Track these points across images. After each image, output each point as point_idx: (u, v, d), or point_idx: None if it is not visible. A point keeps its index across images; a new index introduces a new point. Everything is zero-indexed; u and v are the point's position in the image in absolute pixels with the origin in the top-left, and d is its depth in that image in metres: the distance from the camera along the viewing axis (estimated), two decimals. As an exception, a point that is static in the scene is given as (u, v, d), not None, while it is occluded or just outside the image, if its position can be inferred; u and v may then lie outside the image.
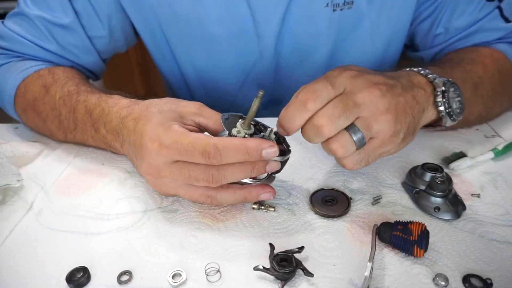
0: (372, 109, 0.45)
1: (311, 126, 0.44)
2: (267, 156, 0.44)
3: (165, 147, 0.45)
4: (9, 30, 0.69)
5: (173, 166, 0.46)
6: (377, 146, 0.47)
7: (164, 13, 0.72)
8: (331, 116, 0.43)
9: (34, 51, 0.70)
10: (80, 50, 0.73)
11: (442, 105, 0.51)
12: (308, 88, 0.45)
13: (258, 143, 0.43)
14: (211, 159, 0.43)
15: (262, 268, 0.41)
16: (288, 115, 0.45)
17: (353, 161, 0.47)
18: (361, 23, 0.72)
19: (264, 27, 0.71)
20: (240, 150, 0.43)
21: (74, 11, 0.69)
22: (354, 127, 0.44)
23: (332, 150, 0.45)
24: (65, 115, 0.62)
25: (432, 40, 0.75)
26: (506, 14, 0.69)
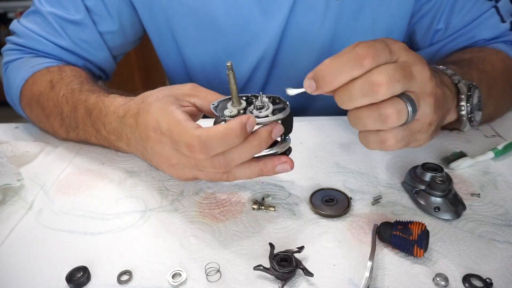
0: (422, 88, 0.41)
1: (365, 83, 0.38)
2: (250, 128, 0.42)
3: (163, 135, 0.45)
4: (24, 27, 0.72)
5: (179, 154, 0.46)
6: (418, 130, 0.43)
7: (172, 8, 0.73)
8: (392, 76, 0.38)
9: (48, 47, 0.72)
10: (92, 46, 0.75)
11: (465, 109, 0.50)
12: (368, 44, 0.39)
13: (239, 120, 0.42)
14: (196, 153, 0.42)
15: (262, 268, 0.41)
16: (336, 66, 0.39)
17: (397, 137, 0.41)
18: (362, 12, 0.72)
19: (271, 19, 0.72)
20: (226, 135, 0.41)
21: (86, 8, 0.71)
22: (410, 98, 0.40)
23: (385, 115, 0.39)
24: (67, 113, 0.63)
25: (432, 37, 0.75)
26: (502, 13, 0.70)
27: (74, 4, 0.71)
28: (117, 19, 0.75)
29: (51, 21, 0.71)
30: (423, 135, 0.44)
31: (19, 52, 0.74)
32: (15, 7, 2.48)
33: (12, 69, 0.73)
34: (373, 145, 0.42)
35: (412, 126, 0.43)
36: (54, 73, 0.68)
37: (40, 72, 0.69)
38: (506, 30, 0.70)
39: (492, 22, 0.70)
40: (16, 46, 0.74)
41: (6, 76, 0.74)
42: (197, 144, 0.41)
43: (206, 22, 0.74)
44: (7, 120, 0.77)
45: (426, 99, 0.42)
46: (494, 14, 0.70)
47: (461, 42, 0.72)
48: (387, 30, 0.75)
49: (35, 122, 0.71)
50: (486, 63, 0.65)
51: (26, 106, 0.70)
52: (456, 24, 0.71)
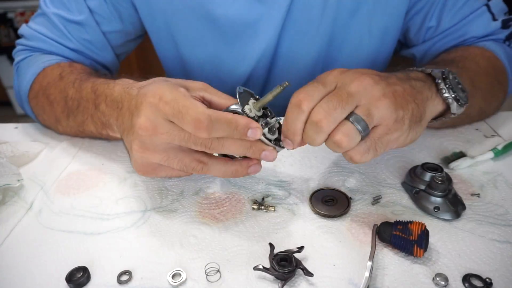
0: (368, 96, 0.44)
1: (310, 125, 0.43)
2: (251, 136, 0.44)
3: (165, 102, 0.44)
4: (32, 30, 0.74)
5: (171, 125, 0.45)
6: (383, 133, 0.45)
7: (172, 8, 0.74)
8: (326, 109, 0.42)
9: (55, 48, 0.74)
10: (95, 46, 0.76)
11: (446, 91, 0.51)
12: (299, 91, 0.45)
13: (248, 121, 0.44)
14: (201, 129, 0.43)
15: (262, 268, 0.41)
16: (288, 122, 0.45)
17: (360, 151, 0.44)
18: (358, 10, 0.72)
19: (270, 19, 0.72)
20: (231, 124, 0.44)
21: (88, 8, 0.73)
22: (355, 115, 0.43)
23: (336, 142, 0.43)
24: (71, 95, 0.64)
25: (425, 34, 0.75)
26: (493, 11, 0.70)
27: (77, 5, 0.72)
28: (118, 19, 0.76)
29: (56, 22, 0.73)
30: (395, 134, 0.45)
31: (28, 52, 0.75)
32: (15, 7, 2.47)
33: (23, 66, 0.74)
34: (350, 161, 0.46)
35: (374, 134, 0.45)
36: (64, 67, 0.70)
37: (51, 67, 0.71)
38: (497, 28, 0.71)
39: (483, 20, 0.70)
40: (26, 47, 0.76)
41: (17, 75, 0.76)
42: (205, 121, 0.42)
43: (205, 22, 0.74)
44: (7, 120, 0.77)
45: (378, 103, 0.44)
46: (485, 12, 0.70)
47: (452, 39, 0.73)
48: (383, 29, 0.76)
49: (39, 114, 0.72)
50: (468, 61, 0.65)
51: (33, 99, 0.71)
52: (448, 21, 0.72)
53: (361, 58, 0.78)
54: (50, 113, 0.68)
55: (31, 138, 0.71)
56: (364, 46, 0.77)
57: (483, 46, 0.70)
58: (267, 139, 0.46)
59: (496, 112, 0.72)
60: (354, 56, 0.78)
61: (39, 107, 0.70)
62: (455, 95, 0.51)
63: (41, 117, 0.72)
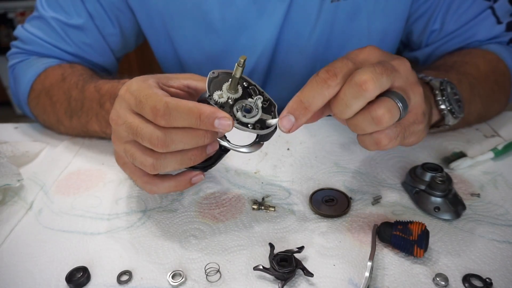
0: (406, 80, 0.42)
1: (352, 85, 0.38)
2: (220, 127, 0.40)
3: (129, 93, 0.43)
4: (29, 33, 0.74)
5: (129, 116, 0.43)
6: (412, 122, 0.43)
7: (169, 10, 0.73)
8: (373, 72, 0.38)
9: (54, 52, 0.74)
10: (95, 50, 0.76)
11: (442, 103, 0.52)
12: (327, 67, 0.40)
13: (213, 110, 0.39)
14: (158, 117, 0.40)
15: (262, 268, 0.41)
16: (306, 94, 0.40)
17: (390, 135, 0.41)
18: (357, 15, 0.72)
19: (267, 21, 0.72)
20: (192, 113, 0.39)
21: (87, 12, 0.73)
22: (397, 93, 0.40)
23: (377, 117, 0.39)
24: (75, 96, 0.64)
25: (428, 37, 0.75)
26: (498, 14, 0.70)
27: (76, 8, 0.72)
28: (116, 23, 0.76)
29: (55, 26, 0.72)
30: (419, 126, 0.44)
31: (24, 55, 0.75)
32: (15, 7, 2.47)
33: (22, 67, 0.74)
34: (371, 147, 0.42)
35: (405, 119, 0.43)
36: (66, 68, 0.71)
37: (52, 68, 0.71)
38: (502, 31, 0.71)
39: (487, 23, 0.70)
40: (22, 50, 0.75)
41: (14, 76, 0.76)
42: (162, 109, 0.40)
43: (202, 25, 0.74)
44: (7, 120, 0.77)
45: (414, 89, 0.42)
46: (490, 15, 0.70)
47: (456, 43, 0.73)
48: (382, 32, 0.75)
49: (39, 114, 0.71)
50: (469, 66, 0.65)
51: (34, 99, 0.71)
52: (452, 25, 0.72)
53: None
54: (52, 114, 0.68)
55: (31, 138, 0.71)
56: None
57: (486, 48, 0.70)
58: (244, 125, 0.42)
59: (498, 114, 0.72)
60: None
61: (40, 108, 0.70)
62: (451, 108, 0.52)
63: (42, 118, 0.72)
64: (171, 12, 0.73)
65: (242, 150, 0.45)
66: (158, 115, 0.40)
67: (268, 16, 0.71)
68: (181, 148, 0.42)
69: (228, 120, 0.40)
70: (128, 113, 0.43)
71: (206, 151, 0.44)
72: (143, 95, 0.41)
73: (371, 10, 0.72)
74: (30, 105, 0.72)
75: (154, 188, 0.47)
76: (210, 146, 0.44)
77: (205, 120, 0.39)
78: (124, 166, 0.49)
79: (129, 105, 0.43)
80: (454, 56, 0.70)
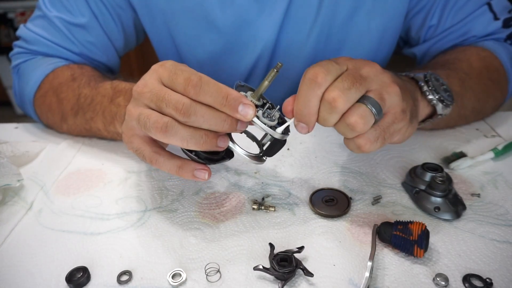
0: (379, 82, 0.43)
1: (324, 103, 0.41)
2: (242, 113, 0.42)
3: (164, 67, 0.44)
4: (33, 33, 0.74)
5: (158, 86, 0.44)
6: (391, 122, 0.44)
7: (171, 9, 0.74)
8: (341, 88, 0.41)
9: (59, 52, 0.74)
10: (98, 48, 0.76)
11: (430, 93, 0.52)
12: (313, 66, 0.43)
13: (240, 95, 0.42)
14: (190, 86, 0.41)
15: (262, 268, 0.41)
16: (301, 98, 0.42)
17: (370, 139, 0.43)
18: (357, 10, 0.72)
19: (268, 18, 0.72)
20: (221, 91, 0.41)
21: (91, 10, 0.73)
22: (369, 98, 0.42)
23: (351, 124, 0.41)
24: (86, 93, 0.65)
25: (426, 33, 0.75)
26: (495, 10, 0.70)
27: (79, 7, 0.73)
28: (118, 21, 0.76)
29: (59, 25, 0.72)
30: (401, 124, 0.45)
31: (29, 55, 0.75)
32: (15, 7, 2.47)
33: (28, 67, 0.74)
34: (355, 150, 0.44)
35: (384, 121, 0.44)
36: (75, 69, 0.71)
37: (60, 68, 0.71)
38: (498, 27, 0.71)
39: (484, 19, 0.70)
40: (26, 50, 0.75)
41: (19, 76, 0.76)
42: (195, 79, 0.41)
43: (203, 23, 0.74)
44: (7, 120, 0.77)
45: (389, 89, 0.43)
46: (487, 11, 0.70)
47: (453, 39, 0.73)
48: (382, 29, 0.76)
49: (43, 112, 0.72)
50: (461, 62, 0.66)
51: (40, 97, 0.71)
52: (449, 20, 0.72)
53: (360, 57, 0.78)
54: (57, 111, 0.68)
55: (31, 138, 0.71)
56: (363, 45, 0.77)
57: (481, 45, 0.70)
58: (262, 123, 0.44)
59: (495, 111, 0.72)
60: (352, 55, 0.78)
61: (45, 106, 0.70)
62: (439, 96, 0.52)
63: (45, 116, 0.72)
64: (173, 10, 0.74)
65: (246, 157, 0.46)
66: (190, 85, 0.41)
67: (268, 14, 0.71)
68: (199, 124, 0.42)
69: (251, 108, 0.42)
70: (158, 83, 0.44)
71: (217, 142, 0.44)
72: (179, 69, 0.43)
73: (370, 7, 0.72)
74: (35, 104, 0.72)
75: (160, 159, 0.46)
76: (222, 140, 0.44)
77: (231, 102, 0.41)
78: (133, 138, 0.48)
79: (160, 78, 0.44)
80: (447, 55, 0.71)
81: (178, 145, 0.43)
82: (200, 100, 0.42)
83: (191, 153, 0.46)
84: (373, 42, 0.77)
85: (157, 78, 0.44)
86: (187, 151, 0.46)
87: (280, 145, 0.47)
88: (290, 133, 0.47)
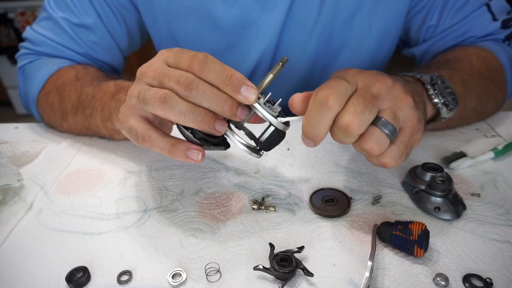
0: (391, 98, 0.43)
1: (338, 128, 0.41)
2: (244, 94, 0.41)
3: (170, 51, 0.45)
4: (39, 34, 0.74)
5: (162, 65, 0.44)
6: (411, 134, 0.44)
7: (173, 9, 0.74)
8: (354, 112, 0.40)
9: (64, 53, 0.74)
10: (104, 49, 0.77)
11: (435, 96, 0.52)
12: (323, 86, 0.42)
13: (244, 77, 0.42)
14: (195, 62, 0.42)
15: (262, 268, 0.41)
16: (311, 119, 0.42)
17: (395, 157, 0.43)
18: (358, 10, 0.72)
19: (270, 18, 0.72)
20: (225, 71, 0.42)
21: (95, 11, 0.73)
22: (382, 120, 0.42)
23: (367, 150, 0.42)
24: (88, 91, 0.65)
25: (425, 33, 0.76)
26: (494, 11, 0.70)
27: (84, 8, 0.73)
28: (122, 21, 0.77)
29: (65, 26, 0.73)
30: (418, 134, 0.45)
31: (34, 56, 0.76)
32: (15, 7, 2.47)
33: (33, 67, 0.74)
34: (379, 166, 0.44)
35: (403, 137, 0.44)
36: (79, 69, 0.72)
37: (65, 68, 0.72)
38: (497, 28, 0.71)
39: (483, 20, 0.71)
40: (32, 51, 0.76)
41: (24, 76, 0.76)
42: (201, 56, 0.42)
43: (206, 23, 0.74)
44: (7, 120, 0.77)
45: (401, 103, 0.43)
46: (486, 12, 0.70)
47: (452, 39, 0.73)
48: (383, 29, 0.76)
49: (45, 111, 0.72)
50: (462, 62, 0.66)
51: (43, 96, 0.71)
52: (448, 20, 0.72)
53: (361, 57, 0.79)
54: (59, 109, 0.69)
55: (31, 138, 0.71)
56: (364, 45, 0.77)
57: (480, 45, 0.70)
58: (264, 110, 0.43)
59: (495, 112, 0.72)
60: (353, 55, 0.78)
61: (47, 105, 0.71)
62: (444, 100, 0.52)
63: (47, 115, 0.72)
64: (175, 9, 0.74)
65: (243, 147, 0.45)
66: (196, 60, 0.42)
67: (270, 13, 0.72)
68: (200, 101, 0.42)
69: (254, 92, 0.42)
70: (162, 63, 0.44)
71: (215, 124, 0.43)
72: (185, 50, 0.43)
73: (371, 7, 0.72)
74: (38, 103, 0.72)
75: (153, 135, 0.44)
76: (220, 123, 0.43)
77: (234, 81, 0.41)
78: (129, 117, 0.46)
79: (166, 59, 0.44)
80: (448, 54, 0.71)
81: (174, 120, 0.42)
82: (203, 77, 0.42)
83: (187, 130, 0.44)
84: (374, 42, 0.77)
85: (162, 60, 0.44)
86: (183, 128, 0.45)
87: (279, 138, 0.46)
88: (290, 133, 0.47)
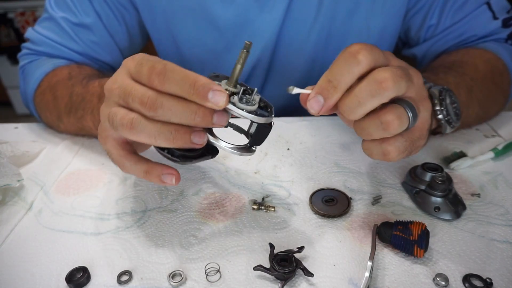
0: (418, 92, 0.41)
1: (369, 81, 0.37)
2: (213, 100, 0.37)
3: (132, 59, 0.42)
4: (40, 35, 0.75)
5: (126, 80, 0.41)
6: (418, 137, 0.43)
7: (172, 8, 0.74)
8: (395, 73, 0.37)
9: (63, 52, 0.75)
10: (103, 48, 0.77)
11: (440, 113, 0.52)
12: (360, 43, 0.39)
13: (209, 81, 0.37)
14: (153, 75, 0.38)
15: (262, 268, 0.41)
16: (335, 69, 0.38)
17: (399, 148, 0.41)
18: (357, 10, 0.72)
19: (268, 17, 0.72)
20: (187, 79, 0.37)
21: (95, 10, 0.74)
22: (408, 102, 0.39)
23: (386, 122, 0.38)
24: (77, 91, 0.65)
25: (425, 33, 0.75)
26: (494, 9, 0.70)
27: (83, 8, 0.73)
28: (122, 20, 0.77)
29: (64, 26, 0.73)
30: (422, 141, 0.44)
31: (35, 56, 0.76)
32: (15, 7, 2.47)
33: (31, 67, 0.75)
34: (376, 156, 0.42)
35: (413, 134, 0.42)
36: (73, 68, 0.72)
37: (60, 67, 0.72)
38: (498, 27, 0.70)
39: (483, 18, 0.70)
40: (32, 51, 0.76)
41: (23, 76, 0.76)
42: (159, 68, 0.38)
43: (204, 22, 0.74)
44: (7, 120, 0.77)
45: (424, 103, 0.42)
46: (486, 10, 0.70)
47: (452, 38, 0.73)
48: (381, 29, 0.76)
49: (42, 111, 0.72)
50: (467, 66, 0.65)
51: (39, 95, 0.72)
52: (448, 20, 0.72)
53: None
54: (53, 110, 0.69)
55: (31, 138, 0.71)
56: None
57: (483, 47, 0.70)
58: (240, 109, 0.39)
59: (497, 115, 0.72)
60: None
61: (43, 104, 0.71)
62: (448, 118, 0.52)
63: (44, 115, 0.72)
64: (174, 9, 0.74)
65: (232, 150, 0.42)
66: (154, 73, 0.38)
67: (269, 12, 0.72)
68: (168, 118, 0.38)
69: (223, 95, 0.37)
70: (126, 78, 0.41)
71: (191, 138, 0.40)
72: (145, 59, 0.40)
73: (369, 6, 0.72)
74: (35, 102, 0.73)
75: (126, 164, 0.44)
76: (197, 135, 0.40)
77: (199, 89, 0.37)
78: (106, 140, 0.45)
79: (129, 71, 0.41)
80: (452, 56, 0.70)
81: (147, 143, 0.40)
82: (166, 90, 0.38)
83: (163, 151, 0.42)
84: (373, 41, 0.77)
85: (126, 72, 0.42)
86: (159, 149, 0.42)
87: (266, 130, 0.42)
88: (290, 133, 0.46)
